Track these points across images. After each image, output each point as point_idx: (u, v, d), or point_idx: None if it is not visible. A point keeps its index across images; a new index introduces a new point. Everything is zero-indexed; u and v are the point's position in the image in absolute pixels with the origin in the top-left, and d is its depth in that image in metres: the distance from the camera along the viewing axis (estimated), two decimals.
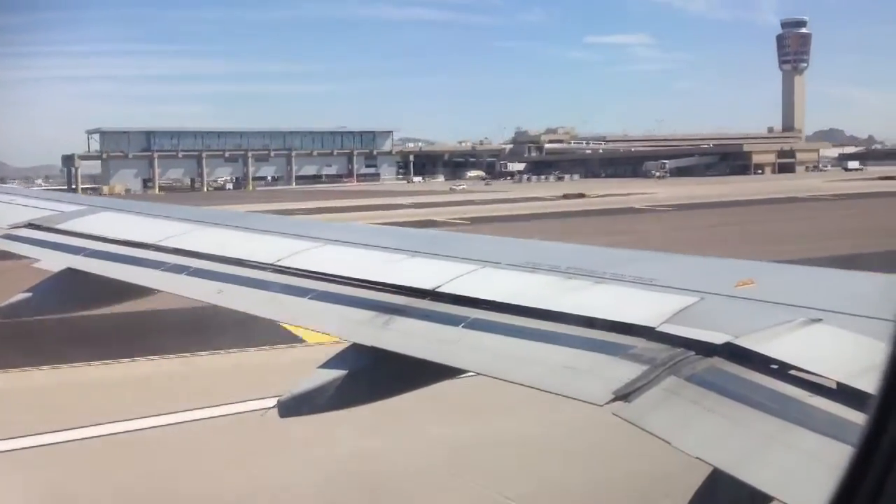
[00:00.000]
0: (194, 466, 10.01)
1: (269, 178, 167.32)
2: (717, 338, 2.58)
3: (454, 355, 3.05)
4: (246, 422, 10.56)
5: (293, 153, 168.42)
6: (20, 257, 5.99)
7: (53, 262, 5.50)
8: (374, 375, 3.30)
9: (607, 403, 2.44)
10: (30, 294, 5.47)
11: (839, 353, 2.43)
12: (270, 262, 4.38)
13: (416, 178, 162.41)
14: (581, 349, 2.79)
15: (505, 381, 2.80)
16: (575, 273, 3.50)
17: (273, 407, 3.18)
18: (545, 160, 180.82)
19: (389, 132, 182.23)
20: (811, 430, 2.12)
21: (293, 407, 3.20)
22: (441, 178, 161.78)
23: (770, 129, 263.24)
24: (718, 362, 2.50)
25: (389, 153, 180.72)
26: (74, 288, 5.38)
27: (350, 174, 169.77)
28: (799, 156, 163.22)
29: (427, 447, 10.37)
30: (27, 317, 5.65)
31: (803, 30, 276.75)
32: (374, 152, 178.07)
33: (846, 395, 2.19)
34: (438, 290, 3.55)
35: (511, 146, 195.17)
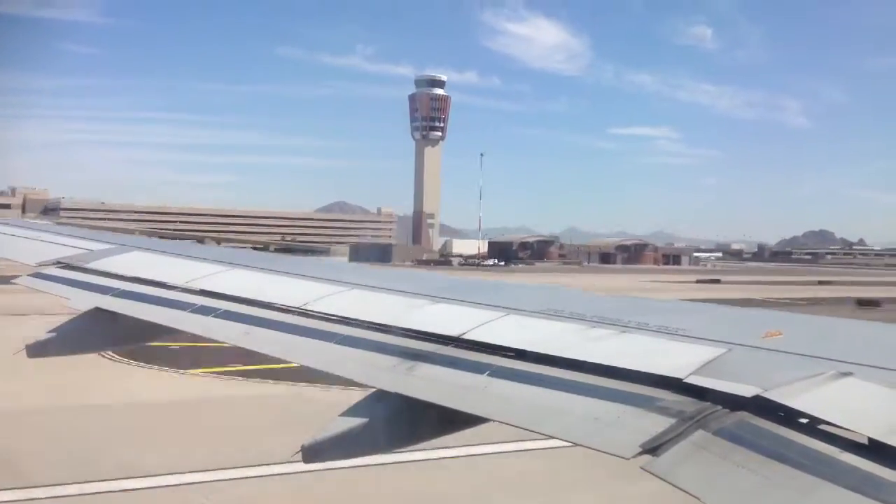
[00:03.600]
0: None
1: None
2: (746, 390, 2.55)
3: (480, 404, 3.03)
4: None
5: None
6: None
7: (82, 302, 5.56)
8: (398, 422, 3.28)
9: (634, 457, 2.41)
10: (56, 333, 5.52)
11: (870, 407, 2.39)
12: (297, 305, 4.41)
13: None
14: (608, 400, 2.76)
15: (531, 431, 2.78)
16: (600, 321, 3.49)
17: (298, 452, 3.17)
18: None
19: None
20: (843, 486, 2.09)
21: (317, 453, 3.19)
22: None
23: (378, 211, 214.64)
24: (747, 416, 2.47)
25: None
26: (102, 327, 5.42)
27: None
28: None
29: None
30: (53, 355, 5.70)
31: (439, 91, 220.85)
32: None
33: (878, 451, 2.16)
34: (463, 336, 3.55)
35: None
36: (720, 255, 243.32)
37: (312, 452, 3.18)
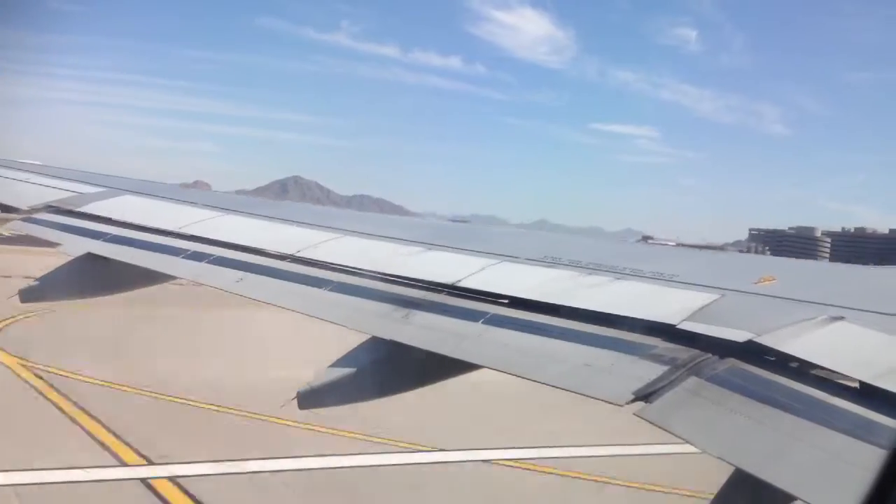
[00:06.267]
0: None
1: None
2: (739, 335, 2.57)
3: (474, 352, 3.04)
4: None
5: None
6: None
7: (74, 247, 5.53)
8: (392, 369, 3.31)
9: (628, 403, 2.43)
10: (49, 279, 5.50)
11: (862, 351, 2.42)
12: (291, 252, 4.39)
13: None
14: (601, 347, 2.77)
15: (525, 378, 2.80)
16: (595, 268, 3.49)
17: (293, 399, 3.20)
18: None
19: None
20: (834, 429, 2.11)
21: (313, 399, 3.22)
22: None
23: None
24: (740, 362, 2.49)
25: None
26: (94, 273, 5.40)
27: None
28: None
29: None
30: (47, 301, 5.69)
31: None
32: None
33: (869, 394, 2.18)
34: (458, 284, 3.55)
35: None
36: None
37: (307, 399, 3.21)
